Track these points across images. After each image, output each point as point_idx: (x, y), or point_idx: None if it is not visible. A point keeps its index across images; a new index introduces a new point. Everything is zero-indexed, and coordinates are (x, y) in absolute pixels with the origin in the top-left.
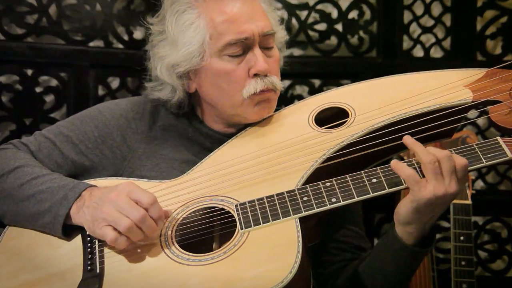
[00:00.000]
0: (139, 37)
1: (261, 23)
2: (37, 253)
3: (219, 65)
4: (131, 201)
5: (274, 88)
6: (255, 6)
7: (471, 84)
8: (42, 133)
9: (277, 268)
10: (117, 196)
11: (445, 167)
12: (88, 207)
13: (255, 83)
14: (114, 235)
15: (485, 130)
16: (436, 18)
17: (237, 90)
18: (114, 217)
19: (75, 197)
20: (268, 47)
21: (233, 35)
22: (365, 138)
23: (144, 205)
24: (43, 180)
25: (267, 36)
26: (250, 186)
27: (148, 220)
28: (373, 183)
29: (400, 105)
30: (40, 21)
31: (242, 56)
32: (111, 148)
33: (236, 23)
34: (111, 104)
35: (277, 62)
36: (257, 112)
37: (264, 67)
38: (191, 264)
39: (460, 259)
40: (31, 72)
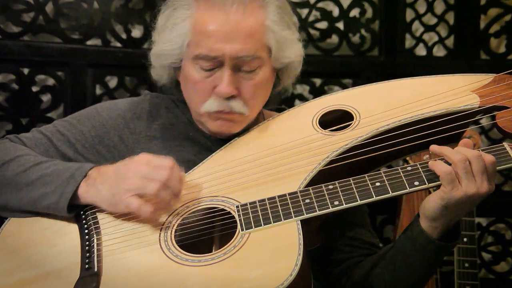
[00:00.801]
0: (138, 36)
1: (238, 46)
2: (34, 251)
3: (191, 71)
4: (152, 167)
5: (233, 112)
6: (243, 26)
7: (478, 89)
8: (39, 130)
9: (277, 270)
10: (138, 166)
11: (476, 166)
12: (103, 183)
13: (212, 102)
14: (138, 203)
15: (489, 131)
16: (439, 16)
17: (199, 101)
18: (140, 185)
19: (82, 176)
20: (246, 71)
21: (204, 50)
22: (369, 141)
23: (167, 168)
24: (46, 165)
25: (245, 60)
26: (252, 187)
27: (174, 179)
28: (377, 187)
29: (406, 109)
30: (37, 19)
31: (212, 71)
32: (108, 148)
33: (210, 39)
34: (110, 104)
35: (256, 86)
36: (217, 126)
37: (225, 90)
38: (191, 265)
39: (463, 261)
40: (27, 71)
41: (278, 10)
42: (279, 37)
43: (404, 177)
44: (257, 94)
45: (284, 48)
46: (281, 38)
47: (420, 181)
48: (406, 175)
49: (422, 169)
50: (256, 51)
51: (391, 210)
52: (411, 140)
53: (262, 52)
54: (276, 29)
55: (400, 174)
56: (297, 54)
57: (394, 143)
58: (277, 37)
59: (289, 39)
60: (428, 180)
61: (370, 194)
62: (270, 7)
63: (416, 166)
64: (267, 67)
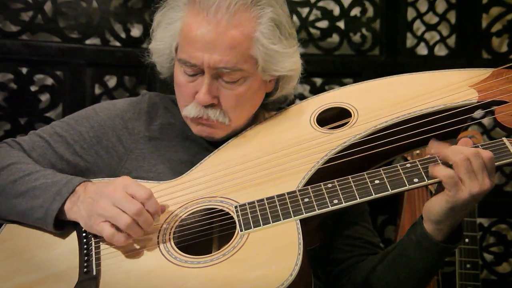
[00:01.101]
0: (137, 35)
1: (217, 57)
2: (32, 255)
3: (177, 73)
4: (128, 195)
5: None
6: (226, 37)
7: (476, 84)
8: (37, 133)
9: (277, 270)
10: (114, 190)
11: (476, 164)
12: (83, 202)
13: (191, 108)
14: (111, 232)
15: (491, 130)
16: (440, 15)
17: (182, 104)
18: (112, 213)
19: (68, 192)
20: (227, 81)
21: (185, 55)
22: (368, 139)
23: (140, 199)
24: (36, 177)
25: (225, 71)
26: (250, 187)
27: (144, 214)
28: (376, 185)
29: (404, 105)
30: (35, 18)
31: (195, 76)
32: (106, 149)
33: (192, 46)
34: (108, 104)
35: (237, 97)
36: (199, 131)
37: (203, 99)
38: (190, 266)
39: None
40: (26, 70)
41: (271, 23)
42: (268, 50)
43: (403, 174)
44: (239, 105)
45: (273, 61)
46: (270, 51)
47: (420, 178)
48: (406, 172)
49: (422, 166)
50: (236, 63)
51: (392, 210)
52: (410, 137)
53: (245, 64)
54: (265, 42)
55: (400, 171)
56: (289, 69)
57: (393, 140)
58: (266, 50)
59: (281, 53)
60: (427, 176)
61: (370, 192)
62: (263, 19)
63: (416, 163)
64: (253, 78)
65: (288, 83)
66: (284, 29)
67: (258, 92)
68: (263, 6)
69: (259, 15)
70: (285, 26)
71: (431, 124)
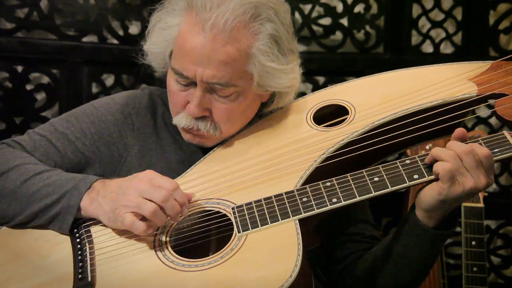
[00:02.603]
0: (135, 32)
1: (210, 72)
2: (25, 262)
3: (170, 80)
4: (153, 186)
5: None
6: (220, 53)
7: (475, 78)
8: (36, 131)
9: (276, 272)
10: (139, 182)
11: (468, 162)
12: (105, 197)
13: (182, 118)
14: (131, 219)
15: (498, 130)
16: (446, 12)
17: (173, 111)
18: (137, 202)
19: (86, 188)
20: (220, 95)
21: (178, 66)
22: (365, 135)
23: (167, 190)
24: (48, 175)
25: (217, 87)
26: (248, 188)
27: (171, 201)
28: (375, 182)
29: (402, 100)
30: (31, 15)
31: (188, 86)
32: (107, 145)
33: (186, 58)
34: (106, 99)
35: (230, 111)
36: (188, 138)
37: (194, 112)
38: (187, 270)
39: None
40: (21, 68)
41: (269, 39)
42: (264, 67)
43: (403, 171)
44: (231, 119)
45: (270, 78)
46: (267, 68)
47: (420, 174)
48: (405, 168)
49: (421, 162)
50: (230, 79)
51: (397, 212)
52: (409, 133)
53: (239, 81)
54: (262, 59)
55: (399, 168)
56: (286, 85)
57: (392, 137)
58: (262, 67)
59: (278, 70)
60: (427, 173)
61: (369, 189)
62: (261, 35)
63: (415, 159)
64: (247, 93)
65: (284, 98)
66: (283, 45)
67: (252, 105)
68: (263, 22)
69: (257, 31)
70: (285, 42)
71: (430, 119)
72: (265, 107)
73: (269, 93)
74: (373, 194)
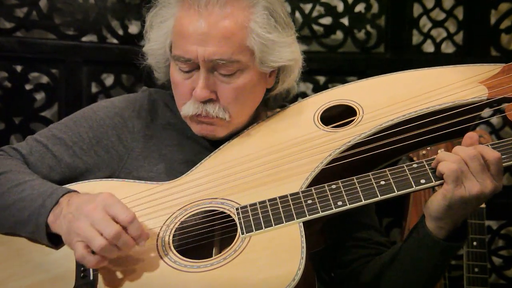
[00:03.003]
0: (135, 32)
1: (211, 48)
2: (27, 259)
3: (173, 72)
4: (107, 216)
5: (210, 116)
6: (218, 28)
7: (486, 81)
8: (34, 137)
9: (279, 275)
10: (93, 209)
11: (473, 167)
12: (64, 217)
13: (189, 106)
14: (81, 253)
15: (500, 130)
16: (447, 11)
17: (180, 103)
18: (87, 234)
19: (52, 204)
20: (224, 74)
21: (179, 51)
22: (373, 137)
23: (122, 223)
24: (23, 188)
25: (220, 63)
26: (252, 189)
27: (123, 237)
28: (381, 186)
29: (411, 102)
30: (30, 14)
31: (191, 72)
32: (106, 149)
33: (185, 40)
34: (106, 102)
35: (236, 90)
36: (199, 130)
37: (200, 94)
38: (189, 271)
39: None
40: (20, 68)
41: (265, 11)
42: (263, 40)
43: (410, 175)
44: (238, 99)
45: (270, 52)
46: (266, 41)
47: (427, 179)
48: (412, 172)
49: (429, 167)
50: (232, 55)
51: (398, 212)
52: (418, 135)
53: (241, 56)
54: (261, 32)
55: (406, 172)
56: (288, 58)
57: (399, 139)
58: (262, 40)
59: (277, 42)
60: (435, 177)
61: (375, 193)
62: (257, 8)
63: (423, 163)
64: (251, 70)
65: (289, 75)
66: (279, 17)
67: (258, 86)
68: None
69: (251, 4)
70: (280, 14)
71: (439, 122)
72: (270, 91)
73: (274, 76)
74: (379, 198)
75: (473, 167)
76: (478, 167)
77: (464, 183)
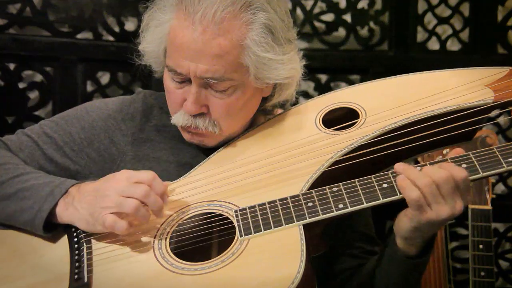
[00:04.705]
0: (131, 29)
1: (203, 66)
2: (20, 262)
3: (166, 78)
4: (132, 183)
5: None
6: (212, 46)
7: (492, 83)
8: (24, 132)
9: (278, 278)
10: (117, 182)
11: (445, 189)
12: (81, 201)
13: (179, 116)
14: (113, 219)
15: (506, 130)
16: (453, 8)
17: (171, 111)
18: (117, 202)
19: (61, 193)
20: (216, 90)
21: (171, 62)
22: (376, 140)
23: (146, 182)
24: (26, 178)
25: (212, 81)
26: (252, 191)
27: (152, 195)
28: (384, 189)
29: (415, 105)
30: (24, 11)
31: (183, 83)
32: (98, 151)
33: (178, 54)
34: (100, 103)
35: (228, 106)
36: (189, 138)
37: (190, 109)
38: (186, 274)
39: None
40: (13, 66)
41: (264, 29)
42: (260, 58)
43: None
44: (230, 114)
45: (266, 69)
46: (262, 59)
47: None
48: None
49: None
50: (225, 73)
51: None
52: (421, 139)
53: (234, 74)
54: (257, 50)
55: None
56: (285, 76)
57: (402, 142)
58: (258, 58)
59: (274, 60)
60: None
61: (377, 196)
62: (254, 25)
63: (426, 166)
64: (245, 87)
65: (286, 90)
66: (278, 34)
67: (252, 99)
68: (255, 11)
69: (249, 21)
70: (279, 31)
71: (444, 125)
72: (267, 102)
73: (271, 87)
74: (381, 201)
75: (446, 189)
76: (450, 189)
77: (432, 207)
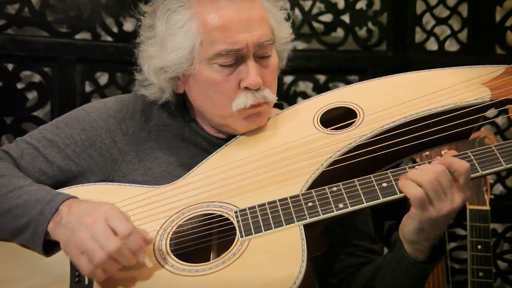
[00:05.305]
0: (130, 29)
1: (258, 32)
2: (20, 264)
3: (208, 74)
4: (108, 229)
5: (267, 101)
6: (255, 11)
7: (489, 82)
8: (24, 139)
9: (280, 279)
10: (94, 222)
11: (444, 182)
12: (65, 227)
13: (245, 97)
14: (89, 269)
15: (505, 130)
16: (451, 8)
17: (226, 102)
18: (88, 248)
19: (52, 213)
20: (264, 56)
21: (225, 45)
22: (374, 139)
23: (121, 235)
24: (19, 193)
25: (265, 45)
26: (251, 192)
27: (124, 252)
28: (383, 188)
29: (412, 104)
30: (22, 11)
31: (233, 66)
32: (100, 152)
33: (230, 31)
34: (98, 103)
35: (273, 71)
36: (246, 125)
37: (256, 81)
38: (187, 275)
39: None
40: (12, 66)
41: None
42: (276, 17)
43: None
44: (275, 79)
45: (281, 28)
46: (278, 18)
47: None
48: None
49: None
50: (270, 34)
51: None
52: (419, 138)
53: (272, 35)
54: (273, 10)
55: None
56: (290, 33)
57: (401, 141)
58: (275, 17)
59: (282, 18)
60: None
61: (377, 195)
62: None
63: (425, 164)
64: (274, 50)
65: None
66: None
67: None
68: None
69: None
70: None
71: (442, 124)
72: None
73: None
74: (381, 200)
75: (444, 182)
76: (449, 181)
77: (434, 204)
